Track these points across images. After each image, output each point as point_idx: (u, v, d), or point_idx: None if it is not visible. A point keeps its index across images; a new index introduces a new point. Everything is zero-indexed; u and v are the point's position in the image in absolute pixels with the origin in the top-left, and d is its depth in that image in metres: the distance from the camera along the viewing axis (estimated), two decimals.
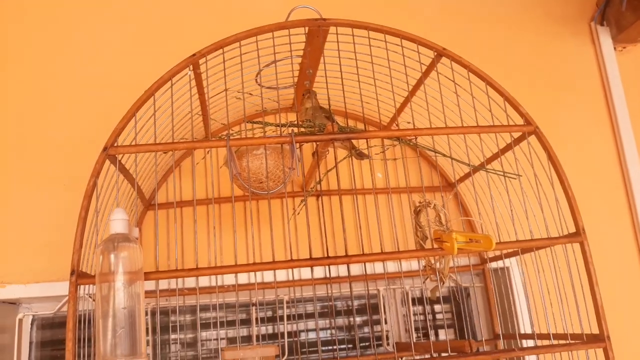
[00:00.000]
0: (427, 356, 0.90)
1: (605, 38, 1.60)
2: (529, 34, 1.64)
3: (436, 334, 1.47)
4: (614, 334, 0.93)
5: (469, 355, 0.87)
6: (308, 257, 0.90)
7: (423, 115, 1.06)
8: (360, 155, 1.10)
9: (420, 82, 1.09)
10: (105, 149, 0.89)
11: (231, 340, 1.37)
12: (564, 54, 1.63)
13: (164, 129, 1.04)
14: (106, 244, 0.80)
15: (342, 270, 1.31)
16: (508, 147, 1.06)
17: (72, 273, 0.83)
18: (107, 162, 0.91)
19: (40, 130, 1.36)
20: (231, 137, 0.90)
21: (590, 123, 1.59)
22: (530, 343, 1.23)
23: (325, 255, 0.88)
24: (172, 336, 1.35)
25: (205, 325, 1.38)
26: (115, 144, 0.90)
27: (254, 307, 1.15)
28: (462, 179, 1.28)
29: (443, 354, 0.95)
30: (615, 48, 1.60)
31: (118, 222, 0.82)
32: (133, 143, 0.90)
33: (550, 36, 1.64)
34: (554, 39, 1.64)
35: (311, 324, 1.39)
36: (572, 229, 0.97)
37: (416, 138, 1.07)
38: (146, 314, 1.24)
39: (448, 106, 1.04)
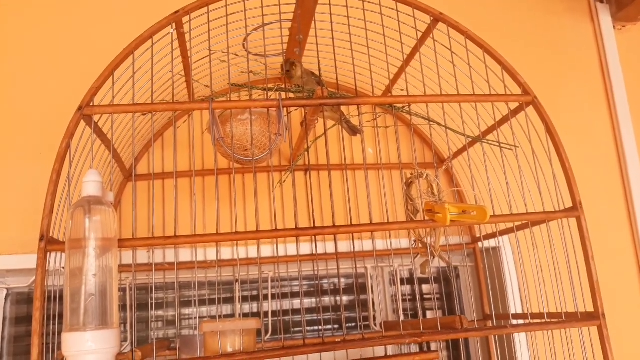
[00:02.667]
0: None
1: (604, 16, 1.56)
2: (528, 8, 1.60)
3: (424, 316, 1.44)
4: (607, 313, 0.90)
5: (459, 332, 0.84)
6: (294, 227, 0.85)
7: (418, 87, 1.02)
8: (353, 131, 1.05)
9: (415, 49, 1.04)
10: (80, 108, 0.83)
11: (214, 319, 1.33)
12: (563, 30, 1.59)
13: (145, 94, 0.99)
14: (77, 207, 0.75)
15: (329, 247, 1.27)
16: (505, 119, 1.02)
17: (41, 239, 0.78)
18: (83, 124, 0.85)
19: (12, 93, 1.30)
20: (215, 100, 0.85)
21: (586, 100, 1.56)
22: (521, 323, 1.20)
23: (312, 226, 0.83)
24: (156, 313, 1.31)
25: (187, 304, 1.33)
26: (92, 104, 0.84)
27: (236, 283, 1.10)
28: (456, 154, 1.24)
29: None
30: (614, 26, 1.56)
31: (91, 184, 0.77)
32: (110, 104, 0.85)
33: (549, 11, 1.60)
34: (553, 14, 1.60)
35: (296, 302, 1.34)
36: (568, 205, 0.94)
37: (409, 106, 1.02)
38: (124, 290, 1.19)
39: (444, 77, 1.00)
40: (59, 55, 1.34)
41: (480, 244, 1.32)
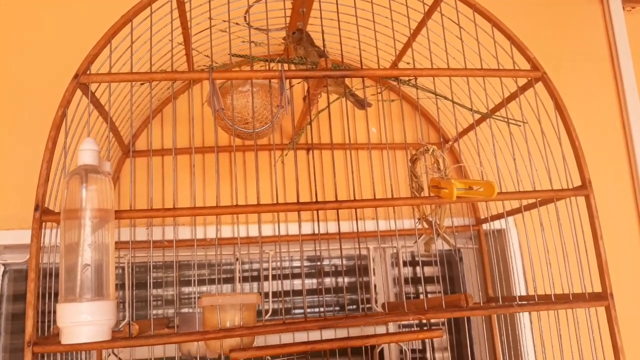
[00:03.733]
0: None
1: None
2: None
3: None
4: (614, 293, 0.88)
5: (464, 310, 0.82)
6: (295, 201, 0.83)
7: (424, 64, 0.99)
8: (361, 104, 1.02)
9: (422, 23, 1.01)
10: (76, 76, 0.81)
11: None
12: (572, 10, 1.56)
13: (144, 65, 0.96)
14: (73, 175, 0.73)
15: (331, 228, 1.25)
16: (513, 96, 0.99)
17: (36, 208, 0.76)
18: (80, 94, 0.83)
19: (7, 63, 1.27)
20: (215, 70, 0.82)
21: (595, 81, 1.54)
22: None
23: (314, 200, 0.81)
24: (155, 292, 1.29)
25: (187, 283, 1.32)
26: (88, 72, 0.82)
27: (237, 262, 1.08)
28: (462, 133, 1.22)
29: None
30: (624, 7, 1.53)
31: (87, 152, 0.75)
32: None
33: None
34: None
35: (297, 283, 1.33)
36: (576, 185, 0.91)
37: (416, 79, 0.99)
38: (123, 268, 1.17)
39: (451, 53, 0.97)
40: (55, 24, 1.31)
41: (485, 225, 1.29)
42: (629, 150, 1.47)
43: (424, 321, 1.32)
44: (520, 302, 0.86)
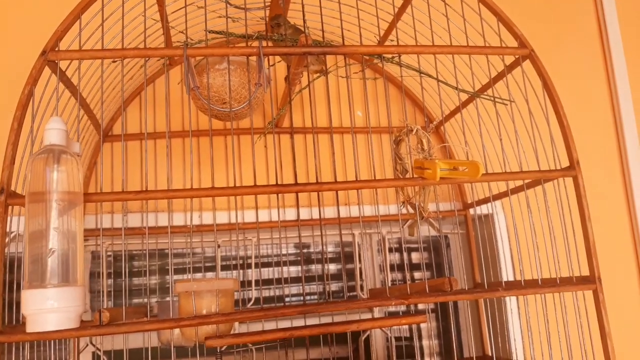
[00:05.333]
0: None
1: None
2: None
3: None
4: (602, 277, 0.86)
5: (448, 294, 0.79)
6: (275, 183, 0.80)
7: (409, 43, 0.96)
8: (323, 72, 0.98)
9: (407, 1, 0.98)
10: (44, 52, 0.77)
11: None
12: None
13: (118, 44, 0.92)
14: (38, 155, 0.69)
15: (315, 214, 1.22)
16: (500, 76, 0.96)
17: (0, 191, 0.72)
18: (49, 72, 0.79)
19: None
20: (190, 46, 0.78)
21: (584, 60, 1.51)
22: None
23: (294, 182, 0.78)
24: (136, 281, 1.26)
25: (169, 272, 1.28)
26: (57, 49, 0.78)
27: (217, 249, 1.05)
28: (448, 117, 1.19)
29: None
30: None
31: (54, 132, 0.71)
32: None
33: None
34: None
35: (284, 270, 1.30)
36: (564, 166, 0.89)
37: (400, 57, 0.96)
38: (99, 256, 1.14)
39: (437, 32, 0.94)
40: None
41: (471, 210, 1.27)
42: (617, 131, 1.45)
43: (412, 308, 1.30)
44: (506, 287, 0.84)
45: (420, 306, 1.31)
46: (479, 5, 0.91)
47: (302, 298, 1.30)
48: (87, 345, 1.12)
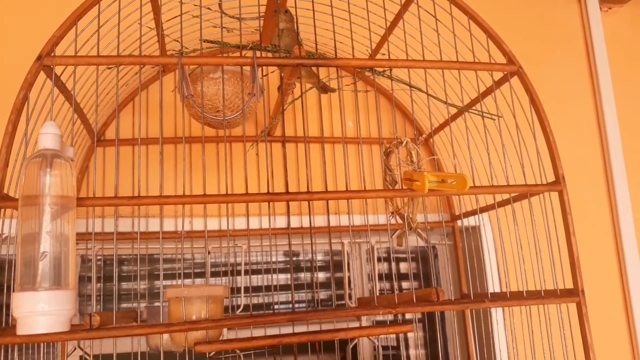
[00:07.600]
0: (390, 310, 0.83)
1: None
2: None
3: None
4: (586, 290, 0.87)
5: (435, 304, 0.81)
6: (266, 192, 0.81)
7: (400, 57, 0.98)
8: (324, 89, 1.01)
9: (399, 15, 1.00)
10: (39, 57, 0.78)
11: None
12: (550, 9, 1.57)
13: (113, 50, 0.93)
14: (32, 159, 0.70)
15: (306, 222, 1.23)
16: (488, 91, 0.98)
17: None
18: (44, 78, 0.80)
19: None
20: (185, 55, 0.80)
21: (571, 80, 1.55)
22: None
23: (285, 191, 0.79)
24: (125, 285, 1.26)
25: (159, 277, 1.29)
26: (53, 54, 0.79)
27: (207, 255, 1.06)
28: (437, 129, 1.21)
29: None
30: (600, 8, 1.54)
31: (48, 136, 0.72)
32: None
33: None
34: None
35: (274, 278, 1.30)
36: (550, 181, 0.91)
37: (391, 70, 0.98)
38: (90, 260, 1.14)
39: (427, 46, 0.96)
40: (21, 3, 1.26)
41: (459, 222, 1.29)
42: (603, 147, 1.48)
43: (399, 318, 1.31)
44: (491, 298, 0.86)
45: (408, 316, 1.32)
46: (469, 22, 0.94)
47: (290, 306, 1.31)
48: (75, 349, 1.12)
